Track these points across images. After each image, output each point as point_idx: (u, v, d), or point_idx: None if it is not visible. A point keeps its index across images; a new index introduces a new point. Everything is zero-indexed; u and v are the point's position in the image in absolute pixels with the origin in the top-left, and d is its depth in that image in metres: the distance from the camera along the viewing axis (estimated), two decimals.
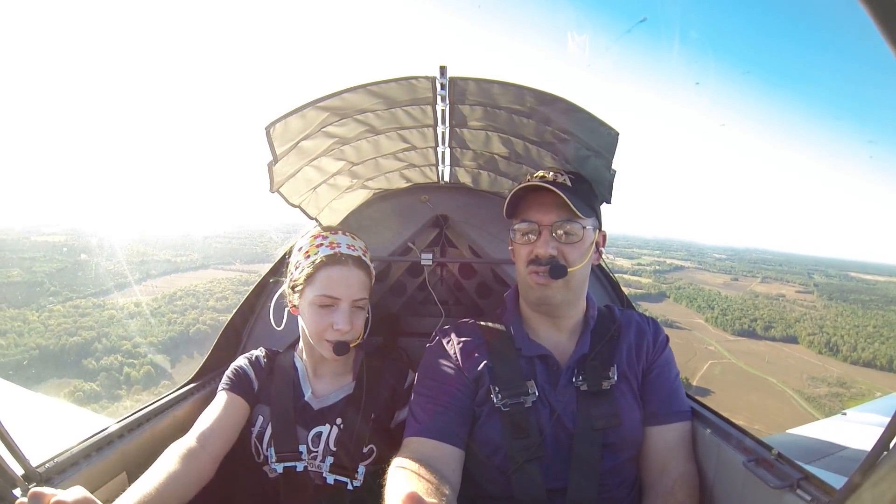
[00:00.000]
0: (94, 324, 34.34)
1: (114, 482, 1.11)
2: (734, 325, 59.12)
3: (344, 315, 1.29)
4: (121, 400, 28.72)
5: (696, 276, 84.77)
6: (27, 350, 31.25)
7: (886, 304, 70.48)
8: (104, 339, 32.74)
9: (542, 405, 1.22)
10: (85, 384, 28.96)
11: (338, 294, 1.29)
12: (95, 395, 28.41)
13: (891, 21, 0.45)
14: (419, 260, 1.96)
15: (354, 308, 1.33)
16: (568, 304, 1.27)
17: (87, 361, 30.97)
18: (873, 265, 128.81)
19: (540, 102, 1.24)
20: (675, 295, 73.98)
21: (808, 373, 47.84)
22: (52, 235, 52.59)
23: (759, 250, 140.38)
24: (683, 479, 1.19)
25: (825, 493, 0.93)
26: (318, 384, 1.44)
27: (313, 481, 1.33)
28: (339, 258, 1.31)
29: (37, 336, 32.62)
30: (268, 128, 1.20)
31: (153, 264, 48.44)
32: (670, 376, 1.31)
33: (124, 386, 30.08)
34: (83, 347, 31.83)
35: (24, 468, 0.90)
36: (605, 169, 1.29)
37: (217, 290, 41.47)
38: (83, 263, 43.18)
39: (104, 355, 31.48)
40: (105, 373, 30.02)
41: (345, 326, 1.29)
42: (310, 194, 1.63)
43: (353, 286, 1.31)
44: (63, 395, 26.83)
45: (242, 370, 1.43)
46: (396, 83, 1.22)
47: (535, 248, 1.21)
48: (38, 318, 34.90)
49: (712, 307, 65.36)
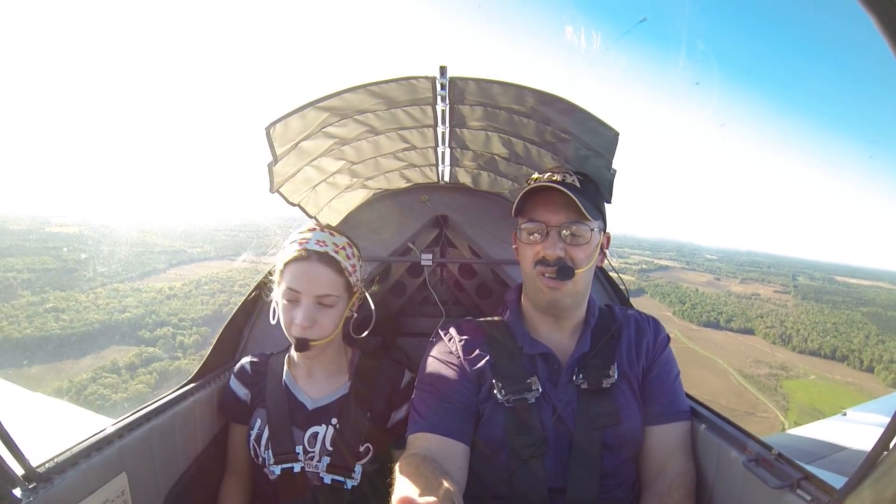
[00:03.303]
0: (138, 303, 40.48)
1: (114, 482, 1.11)
2: (700, 317, 65.88)
3: (304, 310, 1.27)
4: (179, 360, 33.79)
5: (679, 275, 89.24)
6: (88, 324, 37.08)
7: (856, 306, 75.65)
8: (153, 315, 38.67)
9: (545, 402, 1.23)
10: (147, 349, 34.56)
11: (299, 288, 1.28)
12: (158, 356, 34.09)
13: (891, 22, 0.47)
14: (419, 260, 1.96)
15: (320, 305, 1.30)
16: (575, 306, 1.28)
17: (142, 332, 36.85)
18: (864, 269, 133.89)
19: (540, 102, 1.24)
20: (652, 291, 79.19)
21: (755, 357, 54.60)
22: (66, 227, 57.28)
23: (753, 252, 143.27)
24: (681, 479, 1.19)
25: (825, 493, 0.93)
26: (312, 385, 1.43)
27: (311, 482, 1.34)
28: (304, 254, 1.30)
29: (92, 312, 38.57)
30: (268, 128, 1.20)
31: (172, 254, 53.02)
32: (671, 376, 1.31)
33: (179, 350, 35.99)
34: (136, 321, 37.90)
35: (24, 468, 0.90)
36: (605, 169, 1.29)
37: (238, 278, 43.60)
38: (106, 252, 48.43)
39: (156, 327, 37.34)
40: (162, 340, 36.06)
41: (304, 321, 1.26)
42: (309, 193, 1.63)
43: (315, 281, 1.28)
44: (131, 356, 33.33)
45: (230, 391, 1.48)
46: (396, 83, 1.22)
47: (542, 249, 1.20)
48: (87, 298, 41.03)
49: (683, 302, 70.97)
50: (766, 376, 49.74)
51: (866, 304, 77.15)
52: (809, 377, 51.90)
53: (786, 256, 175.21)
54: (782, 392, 46.90)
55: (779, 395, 46.38)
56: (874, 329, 63.82)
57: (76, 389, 30.02)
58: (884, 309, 73.89)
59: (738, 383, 47.66)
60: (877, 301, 79.61)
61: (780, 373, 51.04)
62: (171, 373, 25.97)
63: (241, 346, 1.81)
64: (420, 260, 1.96)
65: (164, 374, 31.57)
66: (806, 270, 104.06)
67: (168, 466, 1.33)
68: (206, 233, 54.34)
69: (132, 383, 30.94)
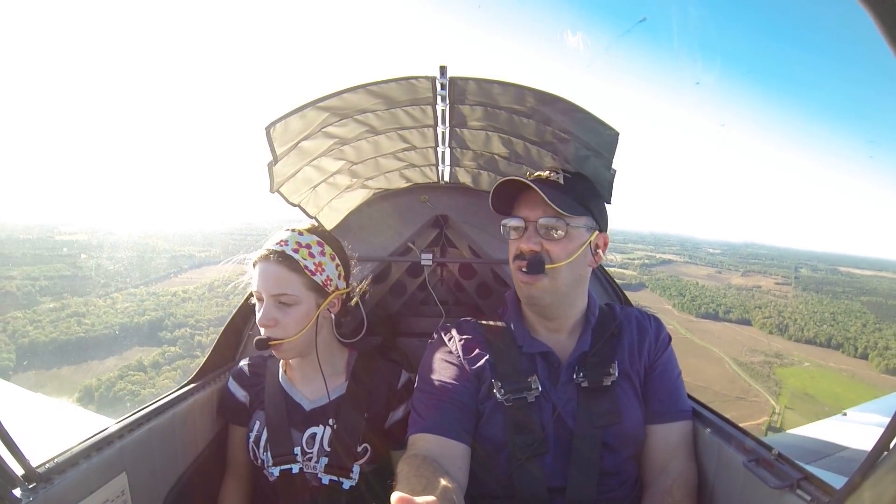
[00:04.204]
0: (155, 306, 42.43)
1: (114, 482, 1.11)
2: (699, 309, 67.27)
3: (264, 309, 1.28)
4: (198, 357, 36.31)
5: (681, 269, 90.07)
6: (109, 327, 39.23)
7: (856, 295, 76.57)
8: (171, 317, 40.58)
9: (545, 401, 1.22)
10: (169, 348, 36.69)
11: (259, 288, 1.29)
12: (179, 355, 36.13)
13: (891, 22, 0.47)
14: (419, 260, 1.96)
15: (279, 304, 1.28)
16: (558, 304, 1.26)
17: (163, 333, 38.71)
18: (869, 259, 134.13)
19: (540, 102, 1.24)
20: (652, 286, 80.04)
21: (751, 346, 56.20)
22: (75, 234, 60.12)
23: (756, 245, 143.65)
24: (682, 479, 1.19)
25: (825, 493, 0.93)
26: (309, 386, 1.43)
27: (309, 483, 1.34)
28: (263, 254, 1.31)
29: (113, 316, 40.73)
30: (268, 128, 1.20)
31: (181, 258, 54.92)
32: (672, 375, 1.31)
33: (198, 349, 37.71)
34: (155, 323, 39.73)
35: (24, 468, 0.90)
36: (605, 169, 1.29)
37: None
38: (117, 258, 50.85)
39: (175, 328, 39.11)
40: (181, 340, 37.95)
41: (263, 321, 1.27)
42: (309, 193, 1.63)
43: (269, 280, 1.28)
44: (154, 355, 35.40)
45: (229, 393, 1.48)
46: (396, 83, 1.22)
47: (520, 244, 1.22)
48: (105, 303, 43.28)
49: (683, 295, 72.35)
50: (760, 364, 51.23)
51: (868, 293, 77.61)
52: (804, 364, 53.25)
53: (790, 248, 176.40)
54: (775, 378, 48.16)
55: (771, 381, 47.60)
56: (872, 318, 64.55)
57: (105, 387, 31.61)
58: (885, 298, 74.45)
59: (733, 371, 49.00)
60: (878, 291, 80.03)
61: (775, 360, 52.56)
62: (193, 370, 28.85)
63: (240, 347, 1.81)
64: (420, 260, 1.96)
65: (186, 371, 32.70)
66: (810, 262, 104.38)
67: (168, 467, 1.33)
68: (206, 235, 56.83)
69: (158, 379, 32.52)
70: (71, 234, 59.49)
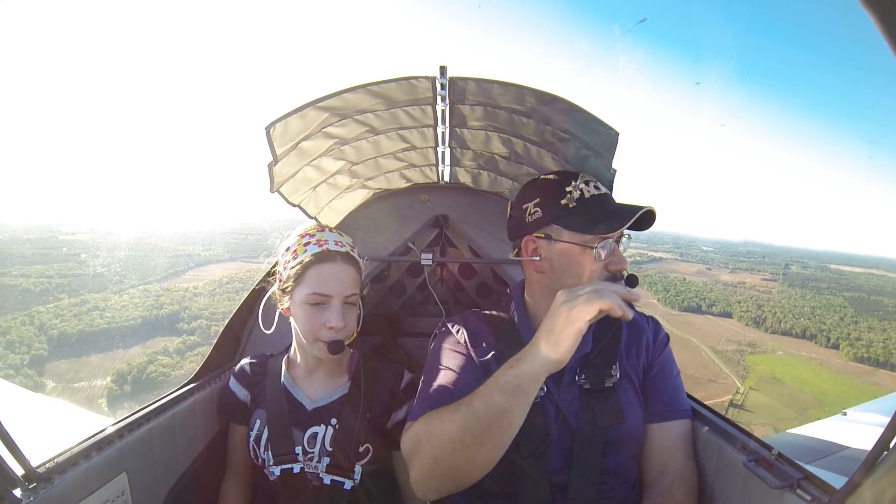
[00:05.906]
0: (170, 301, 44.65)
1: (114, 482, 1.11)
2: (682, 303, 70.73)
3: (336, 312, 1.28)
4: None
5: (671, 266, 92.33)
6: (130, 320, 41.76)
7: (840, 291, 78.92)
8: (186, 310, 43.15)
9: (549, 402, 1.22)
10: (189, 337, 39.27)
11: (329, 291, 1.28)
12: (198, 343, 38.48)
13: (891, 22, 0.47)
14: (419, 260, 1.96)
15: (346, 304, 1.31)
16: None
17: (180, 325, 41.39)
18: (861, 257, 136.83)
19: (540, 102, 1.24)
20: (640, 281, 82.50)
21: (728, 337, 60.17)
22: (77, 234, 62.00)
23: (750, 243, 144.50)
24: (682, 478, 1.19)
25: (825, 493, 0.93)
26: (311, 385, 1.43)
27: (310, 482, 1.33)
28: (327, 255, 1.30)
29: (132, 310, 43.36)
30: (268, 128, 1.20)
31: (186, 257, 56.49)
32: (671, 374, 1.31)
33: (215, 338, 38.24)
34: (172, 316, 42.26)
35: (24, 468, 0.90)
36: (605, 169, 1.29)
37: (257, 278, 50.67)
38: (125, 258, 52.84)
39: (192, 320, 41.88)
40: (199, 330, 40.53)
41: (338, 323, 1.27)
42: (309, 193, 1.63)
43: (344, 282, 1.30)
44: (177, 343, 38.07)
45: (230, 392, 1.48)
46: (396, 83, 1.21)
47: (622, 264, 1.23)
48: (121, 299, 45.39)
49: (668, 290, 75.29)
50: (733, 352, 55.24)
51: (852, 289, 79.72)
52: (777, 353, 56.79)
53: (782, 246, 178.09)
54: (744, 364, 52.03)
55: (740, 367, 51.31)
56: (851, 311, 67.31)
57: (137, 370, 34.07)
58: (867, 294, 76.55)
59: (708, 357, 53.01)
60: (864, 287, 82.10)
61: (747, 349, 56.53)
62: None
63: (240, 346, 1.81)
64: (420, 260, 1.96)
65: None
66: (801, 259, 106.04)
67: (168, 466, 1.33)
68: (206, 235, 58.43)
69: (185, 363, 34.64)
70: (72, 235, 60.84)
